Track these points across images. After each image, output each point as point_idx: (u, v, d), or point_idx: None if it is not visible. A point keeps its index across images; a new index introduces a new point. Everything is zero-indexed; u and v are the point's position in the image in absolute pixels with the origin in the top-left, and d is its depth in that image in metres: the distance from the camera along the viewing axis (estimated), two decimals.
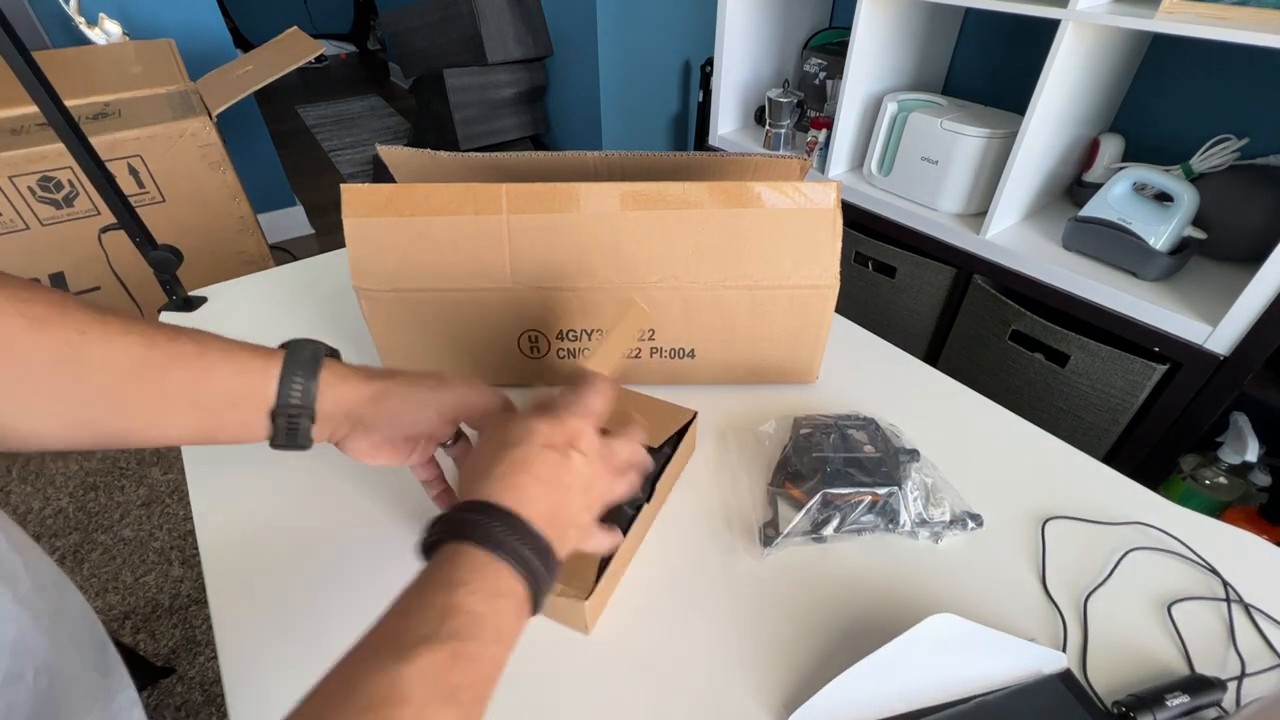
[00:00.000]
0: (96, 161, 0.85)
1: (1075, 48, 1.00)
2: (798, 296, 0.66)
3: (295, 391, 0.39)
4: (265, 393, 0.39)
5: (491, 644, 0.29)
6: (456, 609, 0.28)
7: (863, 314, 1.47)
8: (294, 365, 0.39)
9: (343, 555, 0.56)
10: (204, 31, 2.05)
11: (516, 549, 0.31)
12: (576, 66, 2.39)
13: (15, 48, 0.74)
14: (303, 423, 0.40)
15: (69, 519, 1.49)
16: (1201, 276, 1.07)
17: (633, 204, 0.62)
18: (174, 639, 1.26)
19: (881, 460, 0.60)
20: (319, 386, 0.40)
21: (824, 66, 1.55)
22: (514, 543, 0.31)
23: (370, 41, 5.08)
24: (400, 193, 0.62)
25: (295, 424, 0.40)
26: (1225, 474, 1.10)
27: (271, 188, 2.49)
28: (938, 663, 0.45)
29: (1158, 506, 0.60)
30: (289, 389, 0.39)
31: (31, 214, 1.39)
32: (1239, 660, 0.48)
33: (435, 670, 0.26)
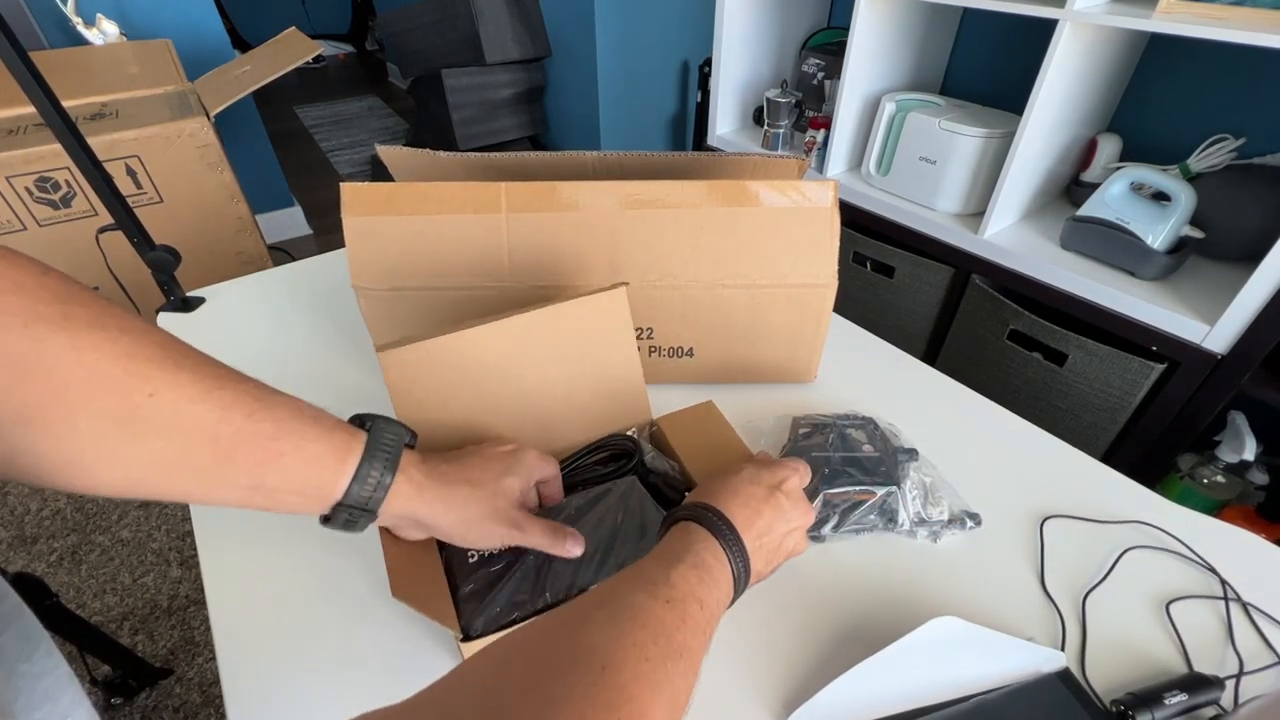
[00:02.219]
0: (94, 162, 0.85)
1: (1073, 48, 1.00)
2: (796, 296, 0.66)
3: (367, 490, 0.38)
4: (334, 489, 0.38)
5: (712, 617, 0.35)
6: (700, 557, 0.36)
7: (861, 314, 1.47)
8: (372, 462, 0.38)
9: (342, 556, 0.56)
10: (202, 32, 2.04)
11: (733, 550, 0.38)
12: (575, 67, 2.39)
13: (12, 48, 0.74)
14: (364, 519, 0.39)
15: (67, 520, 1.48)
16: (1199, 276, 1.08)
17: (631, 203, 0.62)
18: (172, 640, 1.26)
19: (880, 460, 0.60)
20: (391, 492, 0.39)
21: (822, 66, 1.55)
22: (733, 545, 0.38)
23: (368, 42, 5.07)
24: (399, 191, 0.62)
25: (355, 519, 0.39)
26: (1223, 473, 1.11)
27: (270, 188, 2.49)
28: (937, 663, 0.45)
29: (1156, 505, 0.60)
30: (361, 488, 0.38)
31: (29, 214, 1.39)
32: (1237, 658, 0.48)
33: (689, 578, 0.35)
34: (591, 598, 0.33)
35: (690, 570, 0.35)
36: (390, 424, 0.41)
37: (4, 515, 1.49)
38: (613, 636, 0.29)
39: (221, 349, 0.35)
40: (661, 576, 0.34)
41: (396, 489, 0.39)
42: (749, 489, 0.42)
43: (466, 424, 0.54)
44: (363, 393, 0.72)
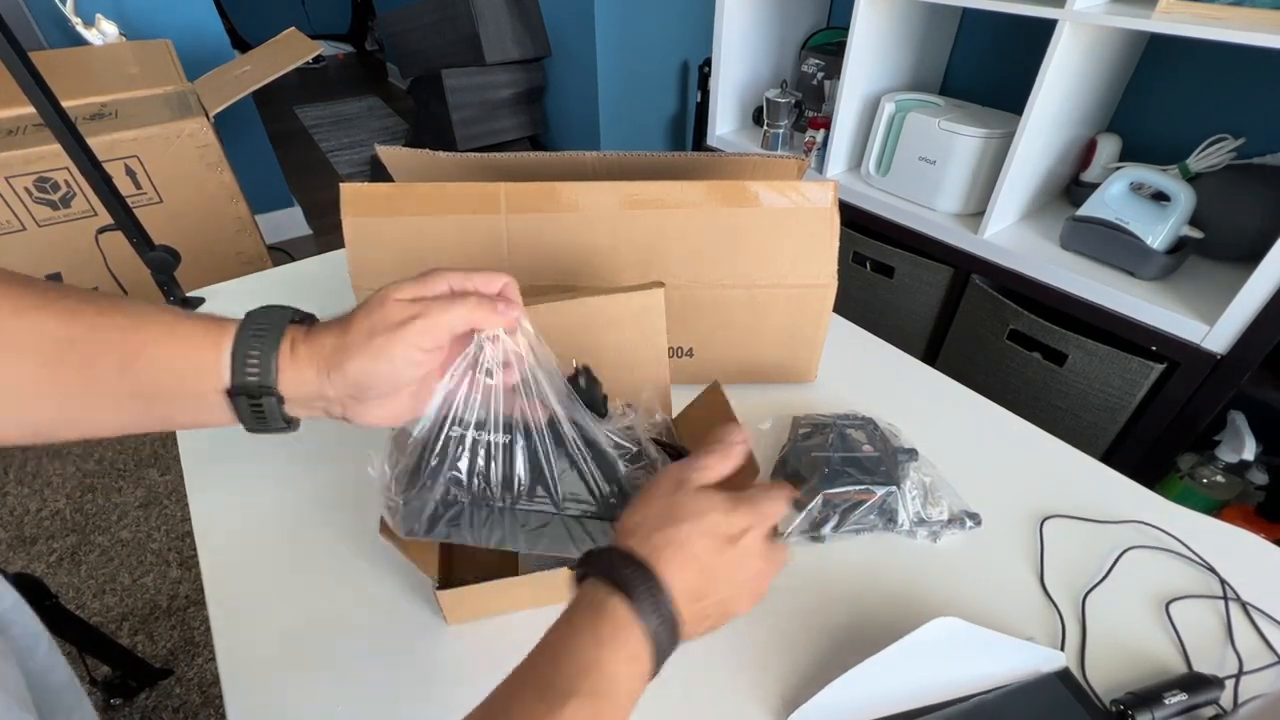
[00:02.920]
0: (94, 162, 0.85)
1: (1072, 48, 1.00)
2: (795, 296, 0.66)
3: (252, 369, 0.33)
4: (216, 372, 0.33)
5: (622, 707, 0.30)
6: (602, 669, 0.30)
7: (861, 314, 1.47)
8: (248, 337, 0.33)
9: (341, 556, 0.56)
10: (201, 32, 2.04)
11: (657, 619, 0.31)
12: (575, 67, 2.39)
13: (12, 48, 0.74)
14: (268, 403, 0.34)
15: (66, 520, 1.48)
16: (1198, 275, 1.08)
17: (631, 203, 0.62)
18: (172, 640, 1.26)
19: (880, 460, 0.60)
20: (279, 361, 0.33)
21: (822, 67, 1.55)
22: (656, 613, 0.31)
23: (368, 42, 5.07)
24: (399, 192, 0.62)
25: (260, 406, 0.34)
26: (1223, 472, 1.11)
27: (269, 188, 2.49)
28: (937, 663, 0.45)
29: (1155, 505, 0.60)
30: (244, 366, 0.33)
31: (28, 215, 1.39)
32: (1236, 658, 0.48)
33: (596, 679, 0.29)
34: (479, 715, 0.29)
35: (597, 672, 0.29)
36: (274, 306, 0.36)
37: (3, 516, 1.49)
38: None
39: None
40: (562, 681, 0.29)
41: (288, 359, 0.34)
42: (701, 542, 0.33)
43: None
44: None
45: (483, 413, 0.39)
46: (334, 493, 0.61)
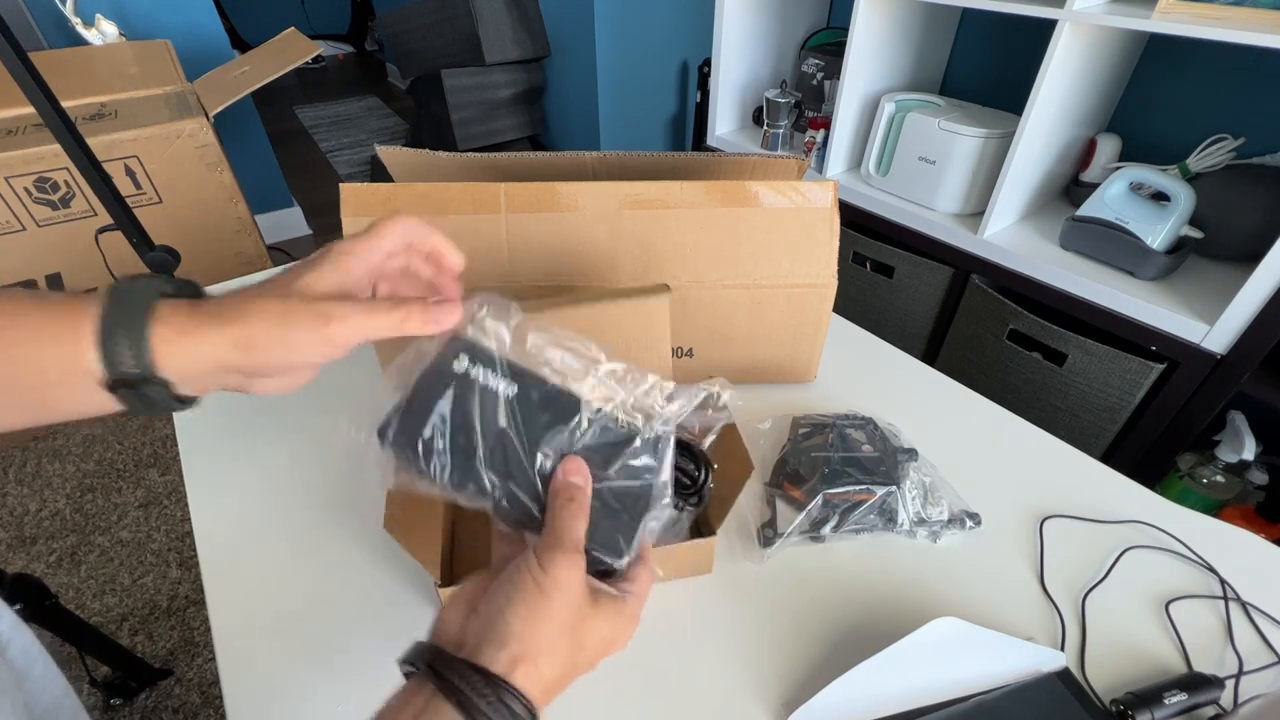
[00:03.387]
0: (93, 162, 0.85)
1: (1072, 48, 1.01)
2: (795, 295, 0.66)
3: (125, 358, 0.28)
4: (88, 361, 0.28)
5: None
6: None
7: (861, 314, 1.47)
8: (114, 326, 0.28)
9: (341, 556, 0.56)
10: (201, 32, 2.04)
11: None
12: (574, 67, 2.39)
13: (11, 48, 0.74)
14: (154, 390, 0.29)
15: (66, 521, 1.48)
16: (1198, 275, 1.08)
17: (631, 204, 0.62)
18: (172, 641, 1.26)
19: (880, 459, 0.60)
20: (155, 344, 0.28)
21: (821, 67, 1.55)
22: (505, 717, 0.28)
23: (368, 42, 5.07)
24: (399, 191, 0.62)
25: (147, 394, 0.29)
26: (1222, 472, 1.11)
27: (269, 188, 2.49)
28: (937, 663, 0.45)
29: (1155, 505, 0.60)
30: (116, 356, 0.28)
31: (28, 215, 1.39)
32: (1236, 658, 0.48)
33: None
34: None
35: None
36: (142, 277, 0.31)
37: (3, 516, 1.49)
38: None
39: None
40: None
41: (163, 338, 0.29)
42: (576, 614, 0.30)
43: None
44: (364, 393, 0.72)
45: None
46: (334, 493, 0.61)
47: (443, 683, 0.28)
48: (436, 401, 0.34)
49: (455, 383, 0.35)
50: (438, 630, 0.32)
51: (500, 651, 0.29)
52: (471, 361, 0.35)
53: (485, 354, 0.35)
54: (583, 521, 0.32)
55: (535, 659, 0.29)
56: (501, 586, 0.31)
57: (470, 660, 0.28)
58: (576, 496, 0.33)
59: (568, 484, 0.33)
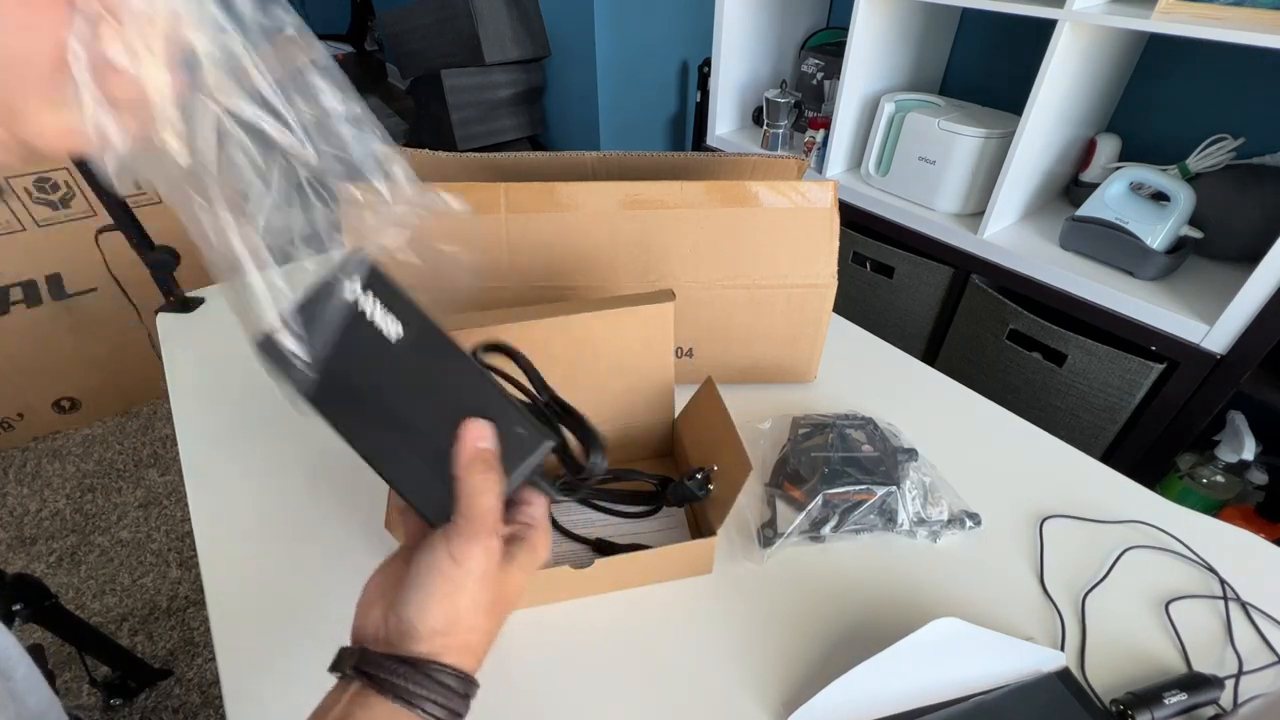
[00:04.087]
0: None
1: (1072, 48, 1.00)
2: (795, 295, 0.66)
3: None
4: None
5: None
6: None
7: (861, 314, 1.47)
8: None
9: (340, 556, 0.56)
10: None
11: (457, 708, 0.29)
12: (574, 67, 2.39)
13: None
14: None
15: (66, 521, 1.48)
16: (1198, 275, 1.08)
17: (631, 203, 0.62)
18: (172, 641, 1.26)
19: (880, 459, 0.60)
20: None
21: (821, 67, 1.55)
22: (456, 704, 0.28)
23: (368, 42, 5.06)
24: None
25: None
26: (1222, 472, 1.11)
27: None
28: (937, 663, 0.45)
29: (1155, 505, 0.60)
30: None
31: (28, 215, 1.38)
32: (1236, 658, 0.48)
33: None
34: None
35: None
36: None
37: (3, 516, 1.49)
38: None
39: (220, 349, 0.35)
40: None
41: None
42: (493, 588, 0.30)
43: None
44: None
45: None
46: (334, 492, 0.61)
47: (372, 680, 0.28)
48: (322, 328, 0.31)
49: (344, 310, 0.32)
50: (358, 630, 0.32)
51: (424, 643, 0.28)
52: (364, 288, 0.32)
53: (383, 284, 0.32)
54: (495, 495, 0.30)
55: (462, 636, 0.29)
56: (417, 581, 0.29)
57: (395, 654, 0.28)
58: (490, 464, 0.31)
59: (478, 451, 0.31)
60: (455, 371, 0.33)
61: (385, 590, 0.31)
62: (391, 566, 0.32)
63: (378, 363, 0.32)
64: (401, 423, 0.32)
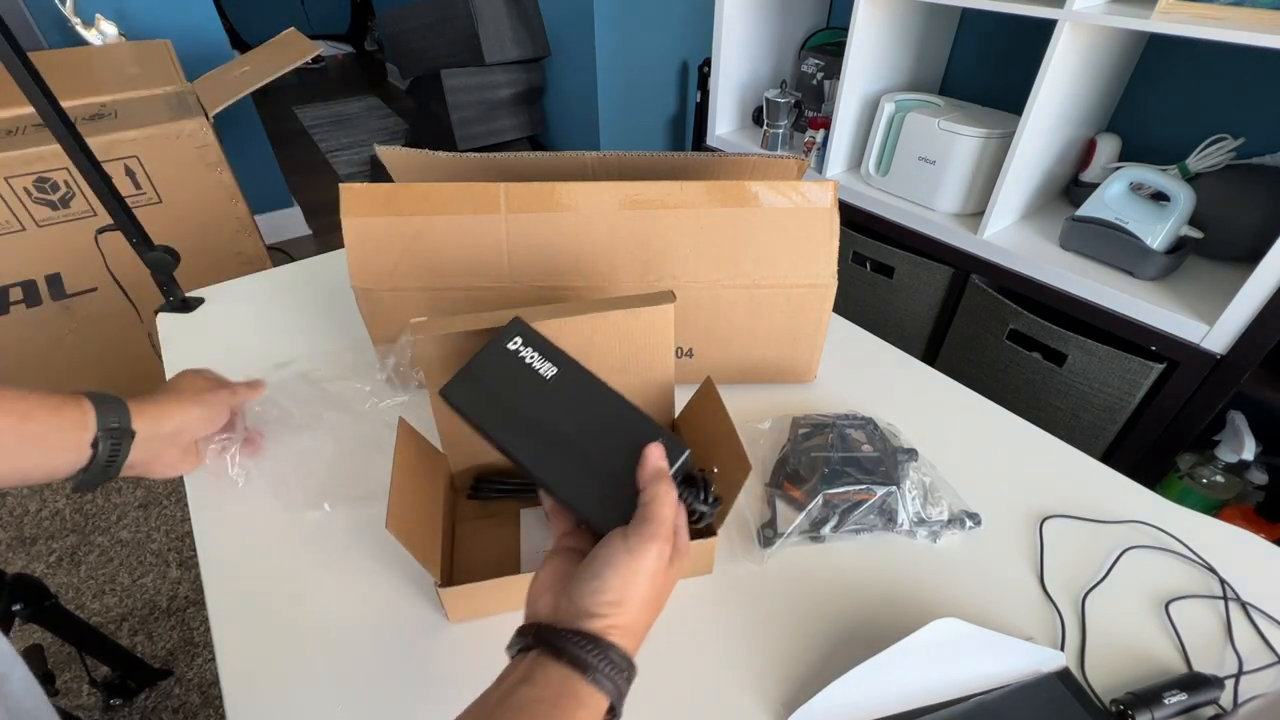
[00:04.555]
0: (93, 162, 0.85)
1: (1072, 48, 1.00)
2: (795, 295, 0.66)
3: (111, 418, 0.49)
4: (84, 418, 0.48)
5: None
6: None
7: (861, 314, 1.47)
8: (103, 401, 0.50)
9: (341, 556, 0.56)
10: (201, 32, 2.04)
11: (620, 686, 0.32)
12: (574, 67, 2.39)
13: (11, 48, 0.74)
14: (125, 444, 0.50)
15: (65, 521, 1.48)
16: (1198, 275, 1.08)
17: (631, 204, 0.62)
18: (172, 641, 1.26)
19: (880, 459, 0.60)
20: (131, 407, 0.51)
21: (821, 67, 1.55)
22: (619, 681, 0.32)
23: (367, 42, 5.07)
24: (399, 192, 0.62)
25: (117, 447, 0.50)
26: (1222, 472, 1.11)
27: (269, 188, 2.49)
28: (937, 663, 0.45)
29: (1155, 505, 0.60)
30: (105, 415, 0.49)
31: (28, 215, 1.38)
32: (1236, 658, 0.48)
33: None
34: None
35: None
36: None
37: (3, 516, 1.49)
38: None
39: (220, 349, 0.35)
40: None
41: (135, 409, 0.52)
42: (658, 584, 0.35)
43: None
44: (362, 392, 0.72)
45: None
46: (335, 492, 0.61)
47: (550, 648, 0.32)
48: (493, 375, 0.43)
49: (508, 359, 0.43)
50: (529, 619, 0.36)
51: (597, 622, 0.32)
52: (523, 344, 0.44)
53: (535, 338, 0.44)
54: (670, 506, 0.36)
55: (629, 621, 0.33)
56: (594, 570, 0.34)
57: (570, 628, 0.32)
58: (668, 480, 0.37)
59: (660, 469, 0.38)
60: (602, 399, 0.42)
61: (551, 584, 0.36)
62: (553, 565, 0.37)
63: (540, 397, 0.42)
64: (566, 444, 0.40)
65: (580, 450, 0.40)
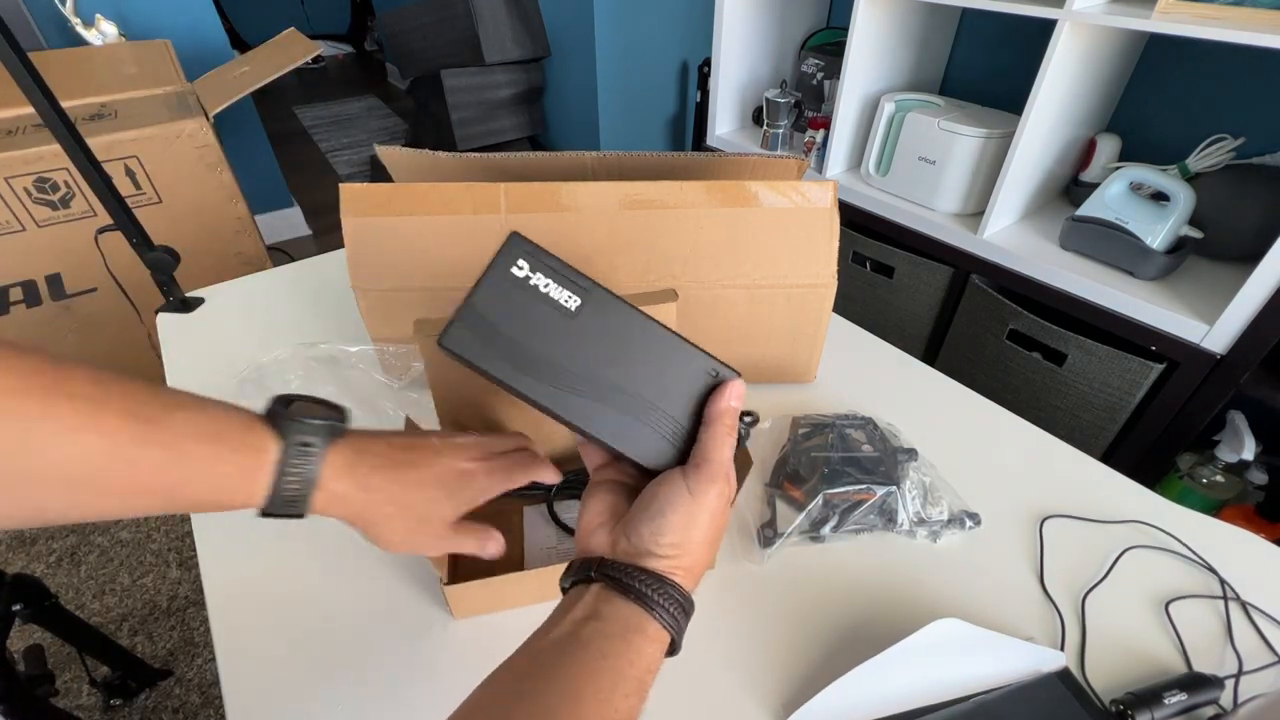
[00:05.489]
0: (93, 162, 0.85)
1: (1072, 48, 1.01)
2: (795, 295, 0.66)
3: (291, 488, 0.35)
4: (252, 500, 0.34)
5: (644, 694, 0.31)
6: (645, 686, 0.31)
7: (861, 314, 1.47)
8: (292, 459, 0.34)
9: (342, 554, 0.56)
10: (201, 32, 2.04)
11: (681, 624, 0.33)
12: (574, 67, 2.39)
13: (11, 48, 0.74)
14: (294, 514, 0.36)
15: None
16: (1198, 275, 1.08)
17: (631, 204, 0.62)
18: (172, 641, 1.26)
19: (880, 459, 0.60)
20: (318, 484, 0.35)
21: (821, 67, 1.55)
22: (681, 618, 0.32)
23: (367, 42, 5.07)
24: (399, 192, 0.62)
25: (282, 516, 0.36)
26: (1222, 472, 1.11)
27: (269, 189, 2.49)
28: (937, 663, 0.45)
29: (1155, 505, 0.60)
30: (283, 488, 0.34)
31: (28, 215, 1.38)
32: (1236, 658, 0.48)
33: None
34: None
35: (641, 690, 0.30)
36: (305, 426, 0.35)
37: None
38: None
39: (220, 350, 0.35)
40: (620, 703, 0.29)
41: (323, 487, 0.36)
42: (718, 524, 0.35)
43: (497, 410, 0.55)
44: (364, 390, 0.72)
45: None
46: None
47: (615, 583, 0.32)
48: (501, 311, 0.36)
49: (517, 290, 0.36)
50: (583, 550, 0.35)
51: (660, 560, 0.32)
52: (532, 270, 0.36)
53: (546, 261, 0.36)
54: (731, 448, 0.35)
55: (689, 560, 0.33)
56: (655, 509, 0.33)
57: (634, 564, 0.32)
58: (732, 421, 0.36)
59: (728, 408, 0.36)
60: (641, 330, 0.36)
61: (603, 519, 0.35)
62: (599, 499, 0.36)
63: (564, 332, 0.36)
64: (604, 384, 0.36)
65: (620, 389, 0.36)
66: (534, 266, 0.36)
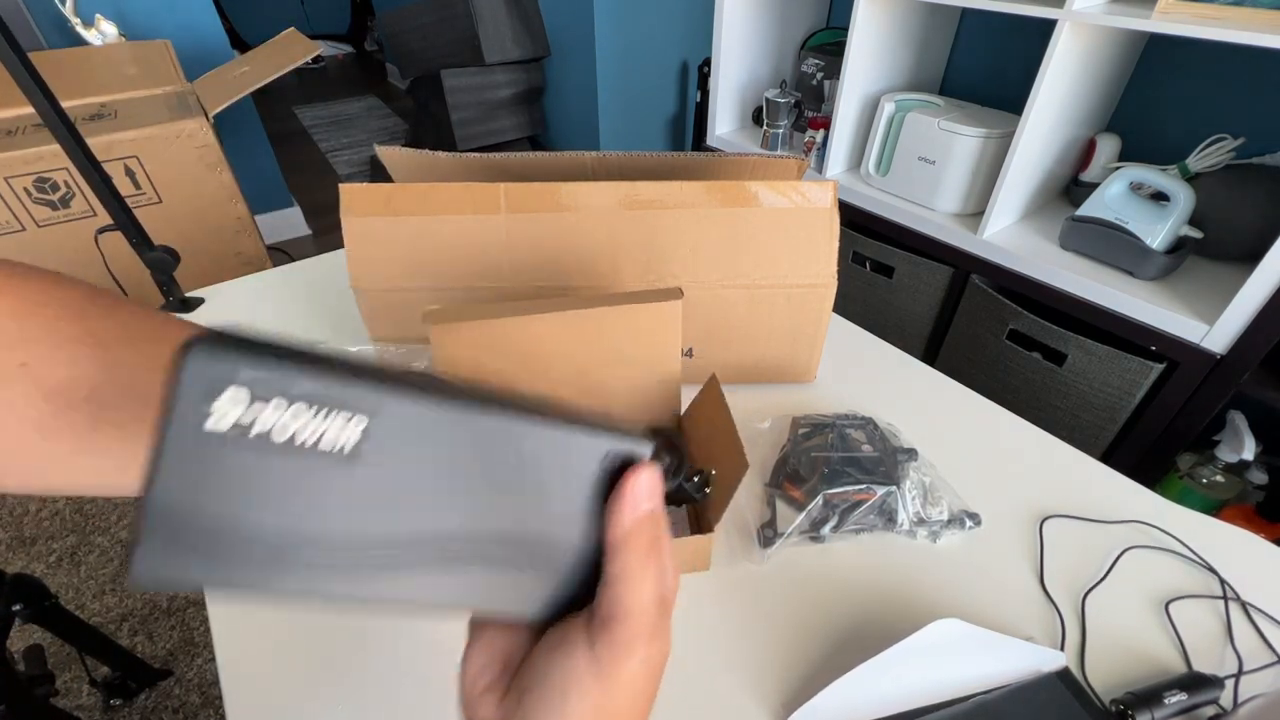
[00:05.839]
0: (93, 162, 0.85)
1: (1072, 48, 1.01)
2: (795, 295, 0.66)
3: None
4: None
5: None
6: None
7: (860, 314, 1.47)
8: None
9: None
10: (201, 32, 2.04)
11: None
12: (574, 67, 2.39)
13: (11, 48, 0.74)
14: None
15: (65, 521, 1.48)
16: (1198, 275, 1.08)
17: (631, 204, 0.62)
18: (172, 641, 1.26)
19: (880, 459, 0.60)
20: None
21: (821, 67, 1.55)
22: None
23: (367, 42, 5.07)
24: (399, 192, 0.62)
25: None
26: (1222, 472, 1.11)
27: (269, 189, 2.49)
28: (937, 664, 0.45)
29: (1155, 505, 0.60)
30: None
31: (28, 215, 1.38)
32: (1236, 658, 0.48)
33: None
34: None
35: None
36: None
37: (3, 516, 1.49)
38: None
39: None
40: None
41: None
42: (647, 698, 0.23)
43: None
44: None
45: None
46: None
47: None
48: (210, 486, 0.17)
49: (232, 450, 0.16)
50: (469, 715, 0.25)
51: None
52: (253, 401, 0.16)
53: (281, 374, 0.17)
54: (654, 581, 0.22)
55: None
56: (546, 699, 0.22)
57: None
58: (654, 535, 0.23)
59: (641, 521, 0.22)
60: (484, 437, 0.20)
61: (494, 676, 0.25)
62: (485, 644, 0.25)
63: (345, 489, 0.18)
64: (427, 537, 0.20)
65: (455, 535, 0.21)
66: (258, 395, 0.16)
